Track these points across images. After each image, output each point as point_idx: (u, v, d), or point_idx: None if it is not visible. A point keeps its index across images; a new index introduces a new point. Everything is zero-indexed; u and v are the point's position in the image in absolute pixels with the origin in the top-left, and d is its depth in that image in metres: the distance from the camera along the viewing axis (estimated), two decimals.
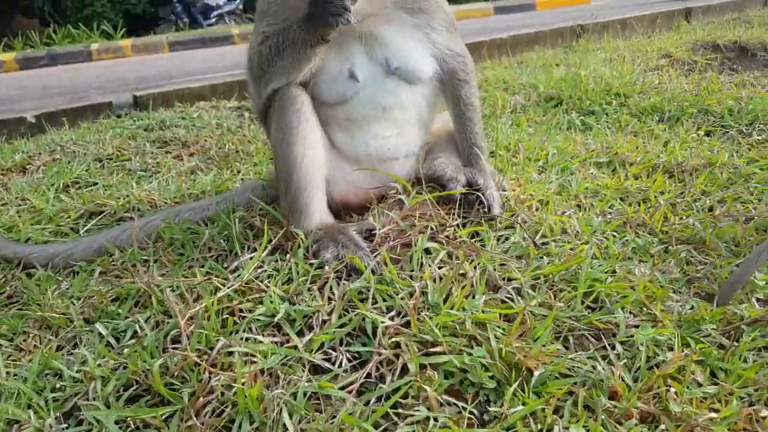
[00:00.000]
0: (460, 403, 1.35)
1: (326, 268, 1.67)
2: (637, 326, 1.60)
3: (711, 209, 2.31)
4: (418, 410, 1.31)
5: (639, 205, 2.28)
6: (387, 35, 1.89)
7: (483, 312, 1.57)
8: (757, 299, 1.77)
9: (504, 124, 3.50)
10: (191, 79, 6.64)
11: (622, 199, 2.42)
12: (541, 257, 1.84)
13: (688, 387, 1.42)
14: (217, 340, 1.42)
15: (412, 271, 1.69)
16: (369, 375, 1.41)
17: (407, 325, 1.51)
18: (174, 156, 3.45)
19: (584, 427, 1.28)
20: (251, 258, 1.70)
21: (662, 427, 1.30)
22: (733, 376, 1.45)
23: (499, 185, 2.07)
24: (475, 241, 1.87)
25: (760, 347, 1.56)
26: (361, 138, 1.96)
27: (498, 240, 1.91)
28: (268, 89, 1.91)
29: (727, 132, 3.28)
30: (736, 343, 1.55)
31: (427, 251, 1.77)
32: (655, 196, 2.36)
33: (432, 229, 1.84)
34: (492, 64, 5.49)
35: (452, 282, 1.64)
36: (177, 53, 10.99)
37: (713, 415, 1.32)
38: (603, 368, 1.45)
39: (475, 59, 7.09)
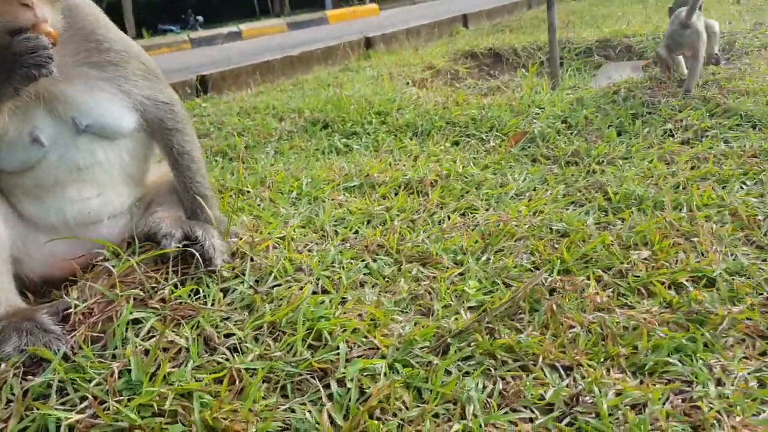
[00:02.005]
0: None
1: (2, 365, 1.46)
2: (360, 357, 1.64)
3: (440, 222, 2.49)
4: None
5: (381, 227, 2.38)
6: (71, 94, 1.73)
7: (195, 380, 1.50)
8: (469, 307, 1.91)
9: (267, 154, 3.48)
10: None
11: (368, 222, 2.52)
12: (271, 302, 1.82)
13: (394, 414, 1.48)
14: None
15: (116, 348, 1.55)
16: None
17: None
18: None
19: None
20: None
21: None
22: (433, 393, 1.54)
23: (227, 232, 2.01)
24: (196, 299, 1.79)
25: (464, 357, 1.68)
26: (54, 204, 1.76)
27: (224, 292, 1.85)
28: None
29: (470, 141, 3.61)
30: (440, 360, 1.65)
31: (136, 321, 1.64)
32: (392, 218, 2.48)
33: (144, 293, 1.72)
34: (267, 88, 5.47)
35: (160, 352, 1.54)
36: None
37: None
38: (314, 414, 1.45)
39: (264, 79, 6.89)
